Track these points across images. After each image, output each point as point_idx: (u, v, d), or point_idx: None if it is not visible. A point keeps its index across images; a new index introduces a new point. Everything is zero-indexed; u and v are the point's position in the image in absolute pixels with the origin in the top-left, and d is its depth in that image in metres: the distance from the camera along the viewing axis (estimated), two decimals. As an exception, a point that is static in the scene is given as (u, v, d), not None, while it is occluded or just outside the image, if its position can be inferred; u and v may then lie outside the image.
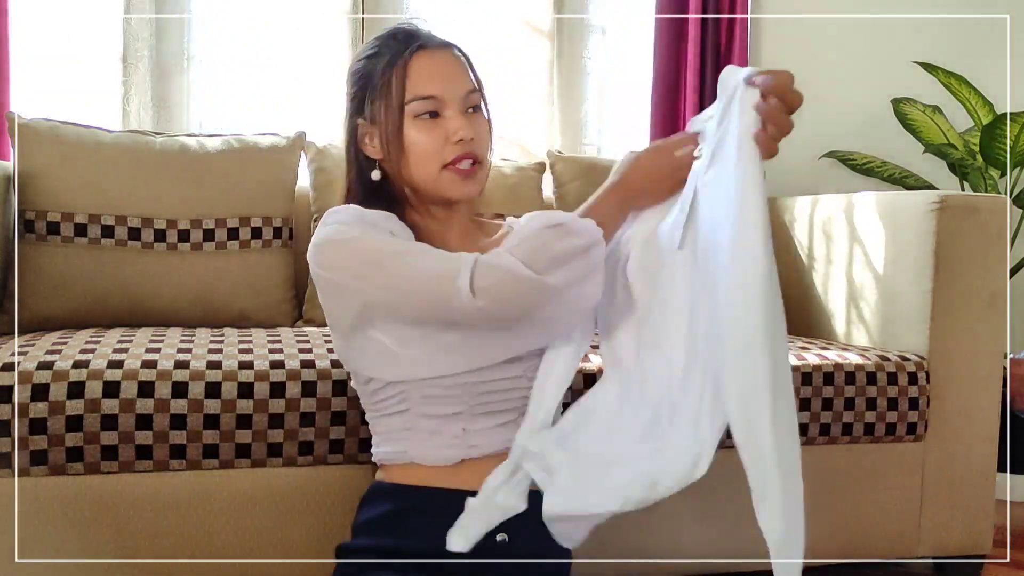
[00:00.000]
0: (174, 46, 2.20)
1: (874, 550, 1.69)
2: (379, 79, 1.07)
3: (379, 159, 1.10)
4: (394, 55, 1.07)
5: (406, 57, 1.07)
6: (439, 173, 1.06)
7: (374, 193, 1.11)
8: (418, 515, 1.04)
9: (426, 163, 1.06)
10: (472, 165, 1.07)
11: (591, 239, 0.98)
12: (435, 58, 1.08)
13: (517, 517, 1.03)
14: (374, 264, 0.97)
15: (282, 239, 1.85)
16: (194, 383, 1.28)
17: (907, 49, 2.69)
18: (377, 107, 1.07)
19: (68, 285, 1.67)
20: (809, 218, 2.08)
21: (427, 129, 1.06)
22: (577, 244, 0.97)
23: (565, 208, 2.04)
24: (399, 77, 1.06)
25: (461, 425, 1.04)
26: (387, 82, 1.06)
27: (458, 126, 1.05)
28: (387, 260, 0.97)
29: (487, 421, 1.05)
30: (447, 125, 1.06)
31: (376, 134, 1.09)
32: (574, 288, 0.97)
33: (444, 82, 1.07)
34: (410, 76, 1.06)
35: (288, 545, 1.34)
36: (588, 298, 0.99)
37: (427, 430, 1.04)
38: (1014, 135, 2.29)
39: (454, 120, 1.06)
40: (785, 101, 0.91)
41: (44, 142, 1.72)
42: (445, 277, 0.93)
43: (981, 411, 1.73)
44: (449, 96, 1.07)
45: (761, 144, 0.90)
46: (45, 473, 1.25)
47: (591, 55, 2.53)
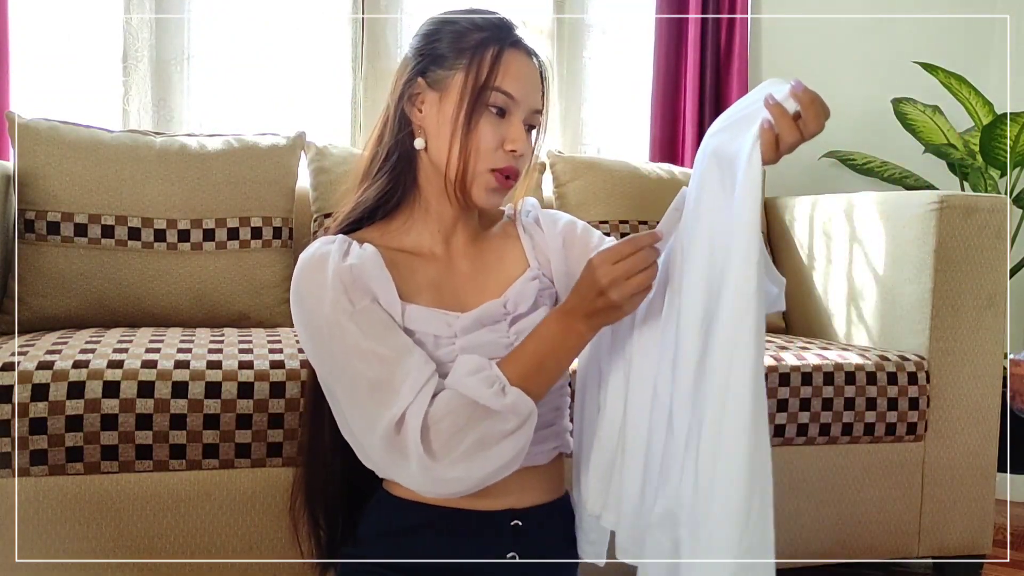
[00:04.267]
0: (174, 46, 2.20)
1: (874, 550, 1.69)
2: (469, 51, 1.00)
3: (422, 127, 1.03)
4: (493, 35, 1.00)
5: (506, 44, 1.00)
6: (484, 172, 1.01)
7: (401, 160, 1.05)
8: (424, 532, 1.02)
9: (475, 156, 1.00)
10: (508, 179, 1.02)
11: (520, 421, 0.93)
12: (526, 61, 1.02)
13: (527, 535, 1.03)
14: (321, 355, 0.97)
15: (282, 239, 1.85)
16: (194, 383, 1.28)
17: (907, 49, 2.69)
18: (452, 77, 1.00)
19: (68, 285, 1.67)
20: (809, 218, 2.08)
21: (492, 124, 0.99)
22: (503, 428, 0.93)
23: (565, 208, 2.04)
24: (493, 59, 0.99)
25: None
26: (479, 58, 0.99)
27: (518, 136, 1.00)
28: (334, 370, 0.96)
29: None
30: (509, 130, 1.00)
31: (435, 102, 1.01)
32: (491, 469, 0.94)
33: (526, 87, 1.01)
34: (504, 65, 0.99)
35: (288, 545, 1.34)
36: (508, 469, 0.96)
37: None
38: (1014, 135, 2.29)
39: (517, 129, 1.00)
40: (816, 105, 0.83)
41: (44, 142, 1.72)
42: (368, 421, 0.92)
43: (981, 411, 1.73)
44: (523, 104, 1.01)
45: (766, 141, 0.83)
46: (45, 473, 1.25)
47: (591, 55, 2.53)
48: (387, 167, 1.05)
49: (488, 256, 1.09)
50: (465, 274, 1.07)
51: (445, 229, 1.07)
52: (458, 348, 1.00)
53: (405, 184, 1.05)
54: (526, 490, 1.04)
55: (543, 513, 1.05)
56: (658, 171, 2.20)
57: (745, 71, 2.55)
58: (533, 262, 1.10)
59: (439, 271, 1.05)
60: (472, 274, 1.07)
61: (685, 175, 2.21)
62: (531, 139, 1.04)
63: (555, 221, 1.13)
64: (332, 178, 1.91)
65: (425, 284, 1.03)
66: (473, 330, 1.01)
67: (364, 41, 2.32)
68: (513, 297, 1.05)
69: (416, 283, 1.02)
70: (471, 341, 1.00)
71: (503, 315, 1.03)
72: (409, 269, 1.03)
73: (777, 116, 0.82)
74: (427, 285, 1.03)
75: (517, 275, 1.08)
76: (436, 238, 1.07)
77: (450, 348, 1.00)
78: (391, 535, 1.04)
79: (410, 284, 1.02)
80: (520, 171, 1.03)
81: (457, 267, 1.07)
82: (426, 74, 1.02)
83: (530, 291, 1.06)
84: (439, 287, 1.04)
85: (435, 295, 1.03)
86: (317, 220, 1.90)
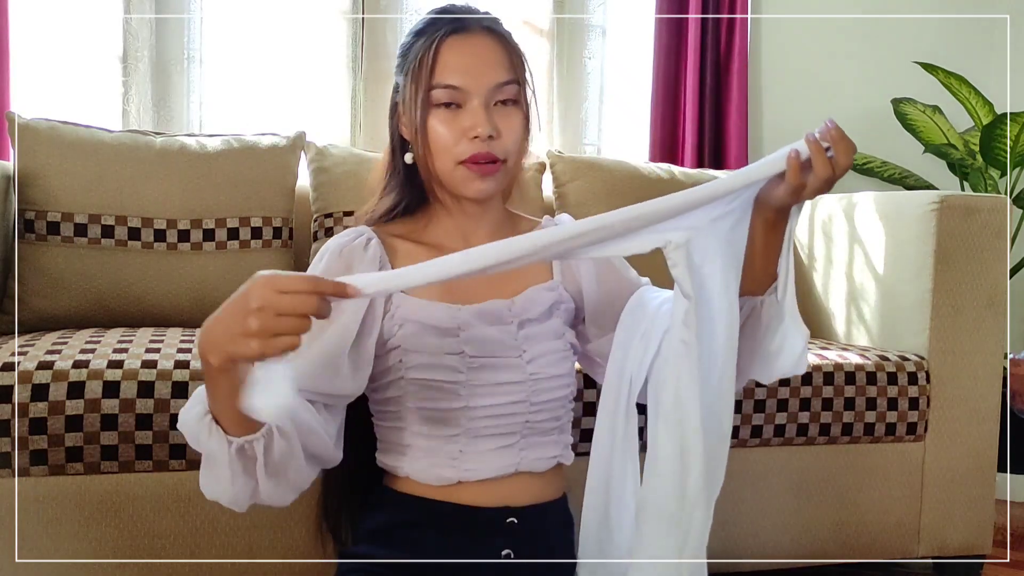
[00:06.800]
0: (174, 46, 2.20)
1: (874, 550, 1.69)
2: (412, 59, 1.01)
3: (409, 140, 1.05)
4: (427, 35, 1.01)
5: (437, 39, 0.99)
6: (454, 168, 1.00)
7: (409, 176, 1.07)
8: (423, 528, 1.02)
9: (441, 156, 1.00)
10: (491, 164, 0.99)
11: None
12: (468, 43, 1.00)
13: (522, 533, 1.03)
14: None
15: (282, 239, 1.85)
16: (194, 383, 1.28)
17: (907, 49, 2.69)
18: (407, 89, 1.02)
19: (68, 285, 1.67)
20: (809, 218, 2.08)
21: (446, 121, 0.99)
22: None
23: (565, 208, 2.04)
24: (428, 60, 0.99)
25: (458, 447, 1.01)
26: (418, 64, 0.99)
27: (476, 122, 0.97)
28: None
29: (486, 444, 1.02)
30: (465, 119, 0.98)
31: (405, 115, 1.03)
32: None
33: (471, 71, 0.98)
34: (438, 60, 0.98)
35: (288, 545, 1.34)
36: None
37: (423, 448, 1.02)
38: (1014, 135, 2.29)
39: (474, 115, 0.98)
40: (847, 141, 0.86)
41: (44, 142, 1.71)
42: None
43: (981, 411, 1.73)
44: (474, 87, 0.98)
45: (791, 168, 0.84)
46: (45, 473, 1.25)
47: (591, 55, 2.53)
48: (395, 182, 1.09)
49: None
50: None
51: (464, 227, 1.08)
52: (463, 341, 1.00)
53: (413, 194, 1.08)
54: (523, 490, 1.04)
55: (539, 512, 1.05)
56: (658, 171, 2.20)
57: (745, 71, 2.55)
58: (557, 275, 1.10)
59: None
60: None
61: (685, 175, 2.21)
62: (517, 109, 1.01)
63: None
64: (332, 178, 1.91)
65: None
66: (478, 325, 1.01)
67: (364, 41, 2.32)
68: (522, 301, 1.05)
69: None
70: (476, 335, 1.01)
71: (508, 315, 1.04)
72: (422, 261, 1.04)
73: (814, 150, 0.84)
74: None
75: (535, 282, 1.08)
76: (455, 235, 1.07)
77: (454, 339, 1.00)
78: (390, 530, 1.04)
79: None
80: (496, 152, 0.99)
81: None
82: (397, 90, 1.06)
83: (543, 299, 1.06)
84: (451, 281, 1.04)
85: (441, 287, 1.03)
86: (317, 220, 1.90)
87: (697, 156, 2.52)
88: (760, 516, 1.61)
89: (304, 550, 1.34)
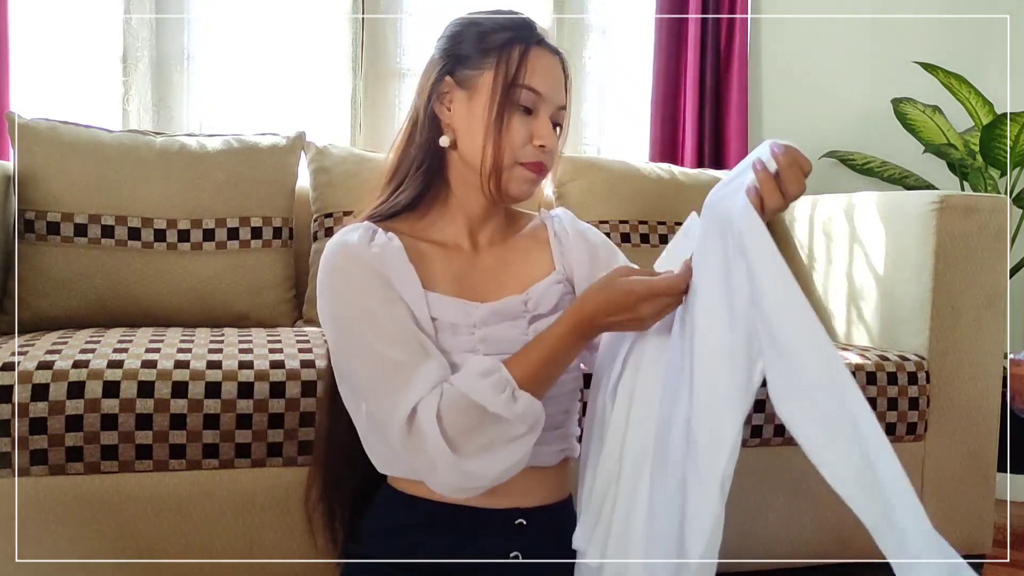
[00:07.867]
0: (174, 46, 2.20)
1: (874, 550, 1.68)
2: (496, 50, 1.03)
3: (451, 125, 1.06)
4: (518, 34, 1.04)
5: (531, 43, 1.04)
6: (513, 165, 1.04)
7: (429, 158, 1.08)
8: (429, 529, 1.03)
9: (507, 152, 1.03)
10: (538, 172, 1.05)
11: (529, 426, 0.94)
12: (551, 59, 1.06)
13: (529, 534, 1.03)
14: (343, 342, 0.98)
15: (282, 239, 1.85)
16: (194, 383, 1.28)
17: (907, 49, 2.69)
18: (481, 76, 1.03)
19: (68, 285, 1.67)
20: (809, 218, 2.08)
21: (521, 121, 1.03)
22: (512, 433, 0.93)
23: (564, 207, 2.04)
24: (520, 57, 1.03)
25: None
26: (507, 57, 1.02)
27: (546, 132, 1.03)
28: (360, 354, 0.96)
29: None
30: (537, 126, 1.03)
31: (464, 100, 1.04)
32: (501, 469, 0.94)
33: (552, 84, 1.04)
34: (529, 63, 1.03)
35: (288, 545, 1.34)
36: (516, 469, 0.96)
37: None
38: (1014, 135, 2.29)
39: (544, 124, 1.04)
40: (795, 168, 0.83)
41: (44, 142, 1.71)
42: (388, 407, 0.93)
43: (981, 411, 1.73)
44: (550, 100, 1.04)
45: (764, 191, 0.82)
46: (45, 473, 1.25)
47: (591, 55, 2.54)
48: (423, 167, 1.08)
49: (514, 254, 1.12)
50: (488, 268, 1.09)
51: (471, 223, 1.10)
52: (477, 339, 1.01)
53: (437, 182, 1.09)
54: (531, 490, 1.04)
55: (547, 514, 1.06)
56: (658, 171, 2.20)
57: (745, 71, 2.55)
58: (559, 267, 1.12)
59: (463, 263, 1.07)
60: (495, 269, 1.09)
61: (685, 175, 2.21)
62: (556, 135, 1.07)
63: (587, 233, 1.16)
64: (332, 178, 1.91)
65: (447, 274, 1.05)
66: (493, 323, 1.03)
67: (364, 41, 2.32)
68: (535, 296, 1.07)
69: (438, 273, 1.05)
70: (491, 333, 1.02)
71: (523, 312, 1.05)
72: (432, 259, 1.05)
73: (762, 180, 0.82)
74: (449, 276, 1.05)
75: (541, 276, 1.10)
76: (462, 232, 1.09)
77: (469, 337, 1.01)
78: (396, 531, 1.04)
79: (432, 273, 1.04)
80: (548, 165, 1.06)
81: (481, 261, 1.09)
82: (454, 74, 1.05)
83: (553, 294, 1.08)
84: (460, 279, 1.06)
85: (456, 285, 1.04)
86: (317, 220, 1.90)
87: (697, 156, 2.52)
88: (760, 516, 1.61)
89: (304, 550, 1.34)
